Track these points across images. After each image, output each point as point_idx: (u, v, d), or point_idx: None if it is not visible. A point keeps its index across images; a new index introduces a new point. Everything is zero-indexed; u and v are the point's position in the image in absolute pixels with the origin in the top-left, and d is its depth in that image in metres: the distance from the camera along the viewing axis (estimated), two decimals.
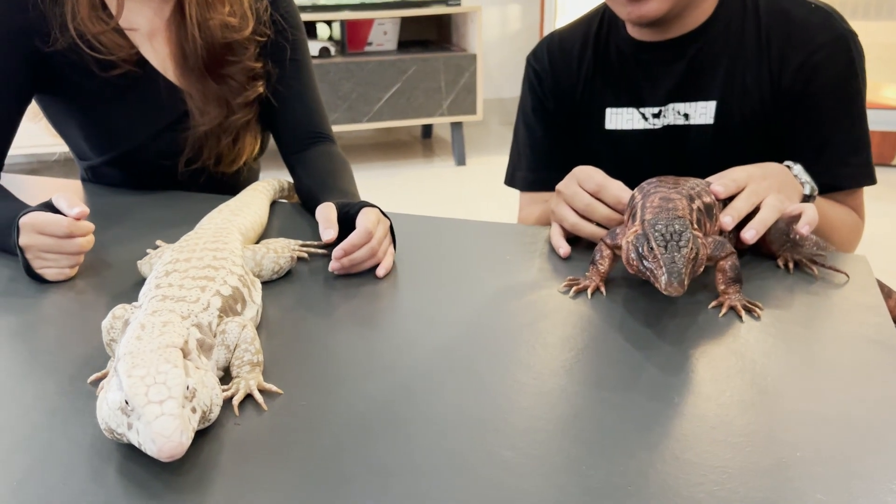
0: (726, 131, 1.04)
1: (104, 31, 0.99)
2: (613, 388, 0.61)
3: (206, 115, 1.05)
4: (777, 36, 1.01)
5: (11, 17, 0.98)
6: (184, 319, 0.60)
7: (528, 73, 1.18)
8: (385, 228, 0.86)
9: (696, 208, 0.74)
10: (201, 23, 1.03)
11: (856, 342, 0.67)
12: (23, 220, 0.80)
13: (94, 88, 1.03)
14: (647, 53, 1.06)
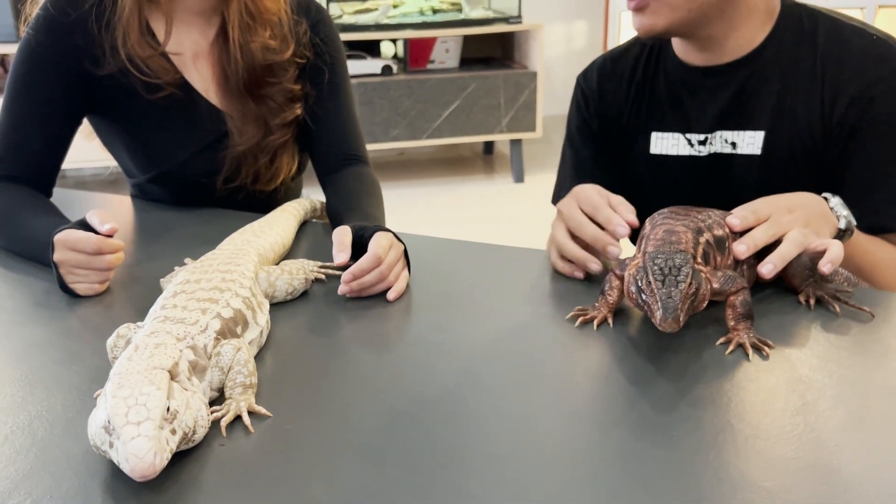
0: (774, 163, 1.01)
1: (152, 56, 1.04)
2: (601, 424, 0.60)
3: (244, 135, 1.09)
4: (833, 65, 0.97)
5: (59, 41, 1.04)
6: (179, 341, 0.62)
7: (576, 93, 1.17)
8: (398, 253, 0.87)
9: (703, 241, 0.72)
10: (243, 45, 1.07)
11: (869, 387, 0.64)
12: (57, 237, 0.85)
13: (139, 110, 1.08)
14: (695, 78, 1.04)
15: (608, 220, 0.83)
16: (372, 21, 2.95)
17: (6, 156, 1.05)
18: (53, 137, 1.07)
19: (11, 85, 1.05)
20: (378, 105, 2.89)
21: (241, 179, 1.12)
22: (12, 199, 1.02)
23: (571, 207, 0.87)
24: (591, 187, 0.88)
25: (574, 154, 1.17)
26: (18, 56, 1.05)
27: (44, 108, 1.05)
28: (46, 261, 0.89)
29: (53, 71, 1.04)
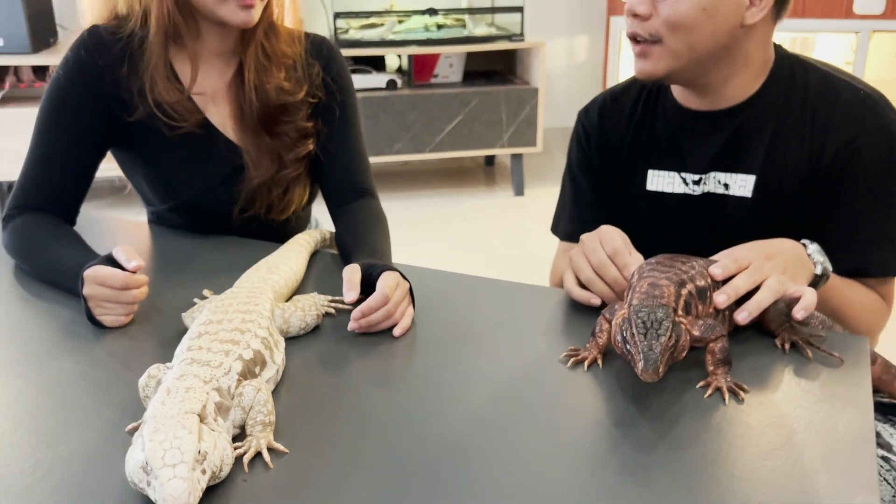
0: (764, 205, 1.06)
1: (179, 100, 1.11)
2: (588, 463, 0.66)
3: (260, 169, 1.16)
4: (822, 116, 1.02)
5: (88, 83, 1.10)
6: (205, 384, 0.68)
7: (577, 127, 1.23)
8: (403, 291, 0.93)
9: (685, 293, 0.78)
10: (258, 86, 1.14)
11: (830, 434, 0.70)
12: (87, 273, 0.91)
13: (161, 145, 1.14)
14: (692, 121, 1.09)
15: (626, 267, 0.89)
16: (377, 37, 3.01)
17: (33, 188, 1.12)
18: (79, 172, 1.14)
19: (41, 122, 1.11)
20: (382, 119, 2.96)
21: (256, 210, 1.19)
22: (40, 230, 1.08)
23: (595, 244, 0.93)
24: (616, 231, 0.94)
25: (574, 186, 1.23)
26: (48, 95, 1.11)
27: (70, 146, 1.11)
28: (73, 291, 0.96)
29: (81, 111, 1.10)
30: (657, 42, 0.99)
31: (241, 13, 1.07)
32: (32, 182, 1.12)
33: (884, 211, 1.03)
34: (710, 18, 0.97)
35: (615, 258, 0.90)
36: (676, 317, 0.75)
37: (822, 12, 2.81)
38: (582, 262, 0.94)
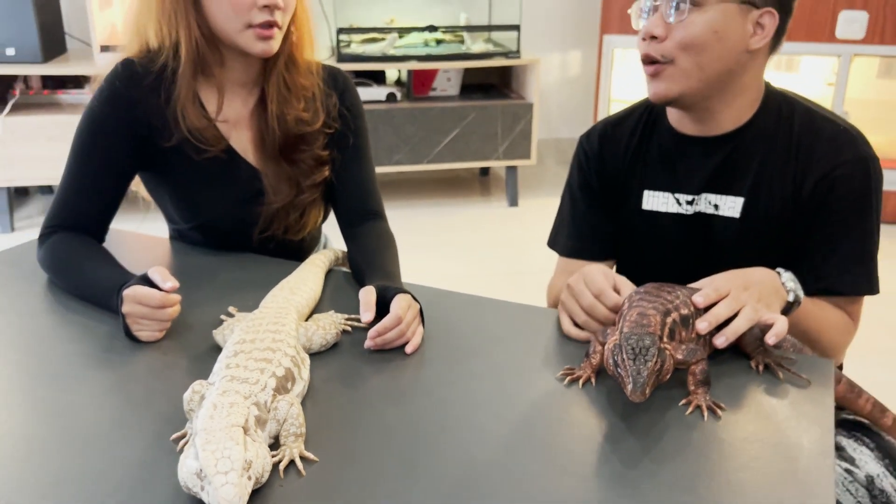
0: (750, 226, 1.16)
1: (207, 127, 1.19)
2: (579, 476, 0.75)
3: (279, 194, 1.24)
4: (805, 148, 1.13)
5: (121, 113, 1.18)
6: (245, 399, 0.77)
7: (578, 151, 1.32)
8: (414, 312, 1.02)
9: (670, 321, 0.88)
10: (279, 116, 1.22)
11: (795, 450, 0.79)
12: (126, 293, 1.00)
13: (186, 168, 1.23)
14: (686, 146, 1.19)
15: (615, 304, 0.98)
16: (379, 51, 3.10)
17: (68, 209, 1.20)
18: (110, 194, 1.22)
19: (76, 148, 1.20)
20: (382, 131, 3.05)
21: (274, 231, 1.27)
22: (75, 249, 1.16)
23: (581, 287, 1.01)
24: (598, 270, 1.03)
25: (573, 205, 1.32)
26: (83, 123, 1.20)
27: (103, 171, 1.20)
28: (108, 307, 1.04)
29: (113, 139, 1.19)
30: (670, 63, 1.09)
31: (259, 43, 1.15)
32: (67, 203, 1.20)
33: (858, 236, 1.12)
34: (719, 41, 1.07)
35: (602, 298, 0.99)
36: (662, 343, 0.84)
37: (806, 36, 2.93)
38: (573, 306, 1.03)
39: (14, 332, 1.04)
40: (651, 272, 1.20)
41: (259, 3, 1.12)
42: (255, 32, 1.14)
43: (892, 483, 1.00)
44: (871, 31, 2.88)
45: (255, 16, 1.13)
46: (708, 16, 1.06)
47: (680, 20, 1.07)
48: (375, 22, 3.28)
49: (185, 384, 0.89)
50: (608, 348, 0.86)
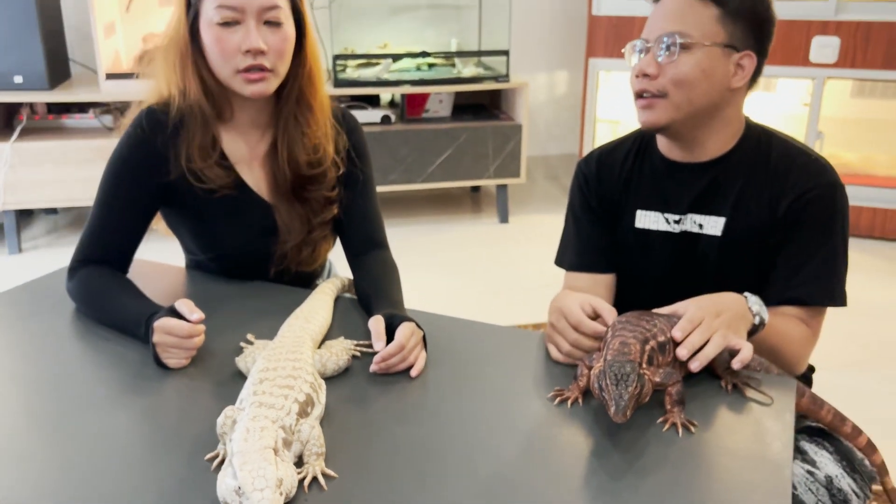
0: (731, 243, 1.28)
1: (209, 166, 1.28)
2: (569, 488, 0.86)
3: (292, 233, 1.34)
4: (782, 174, 1.25)
5: (144, 156, 1.28)
6: (273, 423, 0.87)
7: (577, 175, 1.43)
8: (417, 339, 1.12)
9: (648, 348, 0.98)
10: (290, 158, 1.32)
11: (758, 461, 0.90)
12: (156, 324, 1.09)
13: (202, 204, 1.32)
14: (675, 171, 1.31)
15: (594, 332, 1.09)
16: (374, 76, 3.21)
17: (95, 244, 1.30)
18: (134, 230, 1.32)
19: (103, 188, 1.29)
20: (378, 152, 3.15)
21: (287, 265, 1.38)
22: (104, 281, 1.26)
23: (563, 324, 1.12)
24: (574, 301, 1.13)
25: (576, 224, 1.43)
26: (110, 165, 1.29)
27: (128, 209, 1.29)
28: (136, 336, 1.14)
29: (137, 180, 1.28)
30: (663, 96, 1.21)
31: (248, 86, 1.24)
32: (95, 239, 1.30)
33: (824, 252, 1.24)
34: (706, 78, 1.20)
35: (581, 329, 1.10)
36: (641, 370, 0.95)
37: (782, 59, 3.06)
38: (558, 338, 1.13)
39: (48, 360, 1.13)
40: (644, 284, 1.34)
41: (242, 49, 1.21)
42: (243, 77, 1.23)
43: (849, 483, 1.11)
44: (842, 56, 3.02)
45: (240, 61, 1.22)
46: (696, 57, 1.19)
47: (670, 61, 1.19)
48: (370, 46, 3.40)
49: (211, 407, 0.99)
50: (594, 373, 0.96)
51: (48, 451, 0.92)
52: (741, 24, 1.21)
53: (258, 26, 1.21)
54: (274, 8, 1.22)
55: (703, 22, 1.19)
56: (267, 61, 1.23)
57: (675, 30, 1.19)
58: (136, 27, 3.18)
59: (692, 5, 1.20)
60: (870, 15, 2.98)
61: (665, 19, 1.21)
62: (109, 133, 3.09)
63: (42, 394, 1.04)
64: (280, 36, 1.23)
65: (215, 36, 1.21)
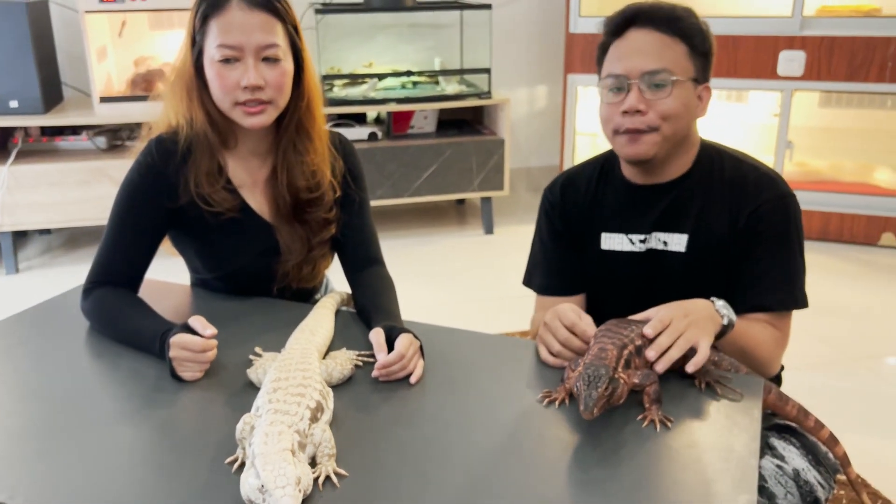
0: (695, 258, 1.37)
1: (216, 191, 1.37)
2: (557, 477, 0.95)
3: (293, 253, 1.42)
4: (736, 190, 1.34)
5: (154, 183, 1.36)
6: (289, 428, 0.96)
7: (543, 201, 1.52)
8: (415, 348, 1.21)
9: (626, 353, 1.08)
10: (289, 183, 1.40)
11: (728, 452, 1.00)
12: (172, 340, 1.16)
13: (209, 227, 1.40)
14: (637, 193, 1.40)
15: (584, 333, 1.17)
16: (360, 95, 3.31)
17: (108, 266, 1.37)
18: (145, 252, 1.39)
19: (115, 213, 1.37)
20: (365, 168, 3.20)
21: (289, 282, 1.46)
22: (118, 301, 1.33)
23: (556, 324, 1.20)
24: (569, 307, 1.22)
25: (543, 247, 1.52)
26: (122, 191, 1.37)
27: (139, 233, 1.37)
28: (150, 352, 1.21)
29: (148, 205, 1.36)
30: (654, 131, 1.30)
31: (248, 118, 1.32)
32: (108, 261, 1.37)
33: (782, 259, 1.34)
34: (687, 112, 1.31)
35: (574, 329, 1.19)
36: (617, 374, 1.04)
37: (751, 73, 3.20)
38: (549, 338, 1.22)
39: (68, 379, 1.21)
40: (612, 303, 1.41)
41: (241, 84, 1.29)
42: (242, 109, 1.31)
43: (815, 475, 1.21)
44: (808, 69, 3.15)
45: (239, 95, 1.30)
46: (679, 92, 1.29)
47: (659, 97, 1.28)
48: (355, 65, 3.49)
49: (227, 416, 1.07)
50: (575, 376, 1.06)
51: (78, 463, 0.99)
52: (700, 58, 1.31)
53: (256, 63, 1.29)
54: (272, 46, 1.29)
55: (678, 58, 1.28)
56: (265, 95, 1.30)
57: (657, 67, 1.27)
58: (128, 51, 3.26)
59: (668, 43, 1.28)
60: (833, 30, 3.12)
61: (644, 57, 1.28)
62: (103, 154, 3.16)
63: (65, 411, 1.11)
64: (278, 71, 1.31)
65: (216, 72, 1.30)
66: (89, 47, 2.93)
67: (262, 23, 1.28)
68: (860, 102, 3.49)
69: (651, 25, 1.29)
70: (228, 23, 1.27)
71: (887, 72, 3.07)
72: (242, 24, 1.27)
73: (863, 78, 3.10)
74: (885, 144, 3.58)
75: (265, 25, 1.29)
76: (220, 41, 1.28)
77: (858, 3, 3.23)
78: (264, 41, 1.29)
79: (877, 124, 3.56)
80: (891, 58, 3.05)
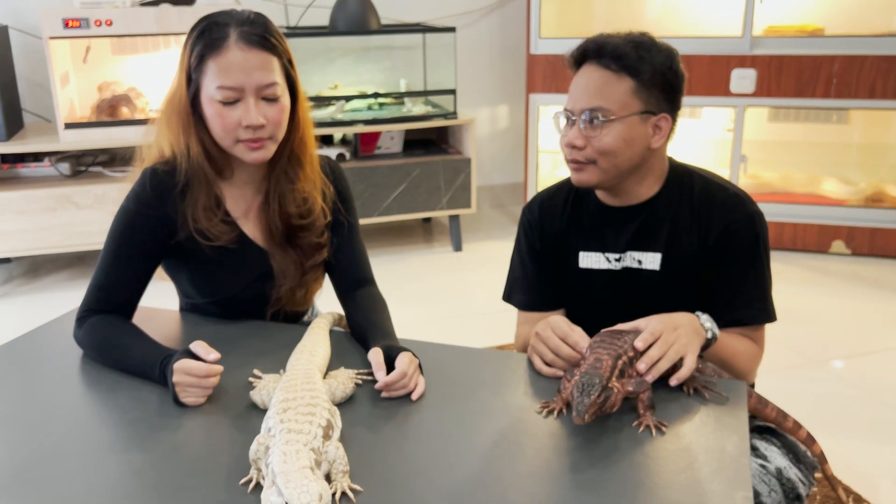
0: (669, 276, 1.42)
1: (214, 223, 1.38)
2: (556, 480, 0.99)
3: (287, 277, 1.44)
4: (706, 210, 1.41)
5: (150, 212, 1.36)
6: (304, 446, 0.98)
7: (522, 221, 1.57)
8: (415, 366, 1.24)
9: (620, 363, 1.13)
10: (280, 211, 1.42)
11: (721, 453, 1.06)
12: (175, 365, 1.17)
13: (204, 255, 1.41)
14: (611, 215, 1.45)
15: (576, 344, 1.22)
16: (328, 117, 3.34)
17: (103, 294, 1.37)
18: (139, 280, 1.39)
19: (110, 242, 1.37)
20: None
21: (282, 306, 1.48)
22: (114, 329, 1.33)
23: (548, 333, 1.25)
24: (561, 319, 1.26)
25: (523, 265, 1.57)
26: (117, 221, 1.37)
27: (134, 261, 1.37)
28: (152, 379, 1.22)
29: (143, 234, 1.37)
30: (592, 163, 1.36)
31: (250, 153, 1.33)
32: (103, 289, 1.37)
33: (753, 276, 1.40)
34: (628, 146, 1.35)
35: (566, 340, 1.24)
36: (610, 383, 1.09)
37: (706, 91, 3.33)
38: (542, 348, 1.27)
39: (68, 408, 1.21)
40: (591, 318, 1.43)
41: (242, 124, 1.30)
42: (245, 145, 1.33)
43: (797, 473, 1.28)
44: (759, 86, 3.30)
45: (241, 133, 1.31)
46: (616, 129, 1.33)
47: (594, 134, 1.34)
48: (321, 87, 3.52)
49: (234, 437, 1.09)
50: (571, 385, 1.11)
51: (90, 490, 1.00)
52: (655, 91, 1.34)
53: (257, 102, 1.30)
54: (271, 85, 1.31)
55: (619, 96, 1.33)
56: (265, 132, 1.32)
57: (595, 105, 1.33)
58: (91, 76, 3.23)
59: (608, 81, 1.33)
60: (781, 49, 3.28)
61: (586, 94, 1.34)
62: (67, 180, 3.11)
63: (71, 441, 1.11)
64: (277, 108, 1.32)
65: (216, 111, 1.30)
66: (53, 73, 2.90)
67: (261, 62, 1.29)
68: (807, 117, 3.66)
69: (598, 62, 1.35)
70: (228, 63, 1.28)
71: (832, 88, 3.23)
72: (242, 64, 1.28)
73: (810, 94, 3.26)
74: (832, 157, 3.76)
75: (264, 64, 1.30)
76: (220, 82, 1.28)
77: (802, 24, 3.40)
78: (264, 80, 1.30)
79: (823, 137, 3.74)
80: (835, 75, 3.22)
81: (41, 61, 3.17)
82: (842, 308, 3.00)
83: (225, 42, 1.28)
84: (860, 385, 2.45)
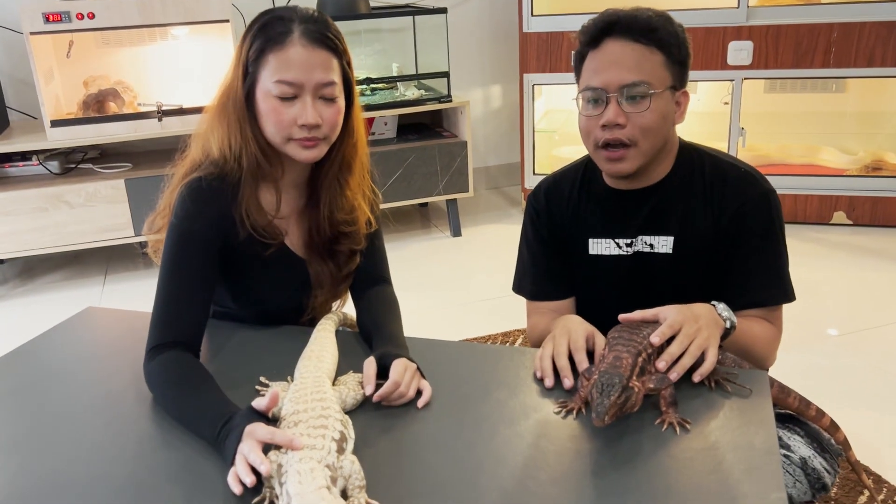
0: (682, 259, 1.39)
1: (268, 224, 1.33)
2: (577, 483, 0.96)
3: (323, 287, 1.41)
4: (717, 190, 1.37)
5: (200, 227, 1.27)
6: (319, 463, 0.95)
7: (528, 208, 1.53)
8: (412, 372, 1.18)
9: (641, 360, 1.10)
10: (330, 215, 1.37)
11: (749, 450, 1.02)
12: (247, 430, 1.00)
13: (249, 263, 1.35)
14: (620, 199, 1.41)
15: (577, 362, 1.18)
16: None
17: (169, 327, 1.24)
18: (203, 304, 1.29)
19: (167, 265, 1.27)
20: None
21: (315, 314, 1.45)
22: (180, 374, 1.19)
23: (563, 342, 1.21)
24: (581, 328, 1.22)
25: (531, 254, 1.53)
26: (170, 240, 1.28)
27: (194, 283, 1.28)
28: (206, 438, 1.08)
29: (200, 251, 1.28)
30: (633, 146, 1.30)
31: (303, 152, 1.28)
32: (168, 321, 1.25)
33: (769, 255, 1.37)
34: (665, 122, 1.31)
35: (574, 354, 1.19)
36: (631, 382, 1.05)
37: (703, 65, 3.28)
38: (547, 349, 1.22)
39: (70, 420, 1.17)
40: (602, 305, 1.41)
41: (298, 122, 1.25)
42: (299, 143, 1.27)
43: (821, 462, 1.25)
44: (756, 57, 3.25)
45: (295, 132, 1.26)
46: (658, 104, 1.29)
47: (638, 110, 1.29)
48: None
49: None
50: (590, 383, 1.07)
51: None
52: (678, 66, 1.31)
53: (314, 101, 1.25)
54: (330, 84, 1.26)
55: (656, 69, 1.28)
56: (320, 132, 1.27)
57: (638, 79, 1.27)
58: (75, 72, 3.15)
59: (645, 55, 1.28)
60: (778, 19, 3.21)
61: (622, 69, 1.28)
62: (57, 179, 3.05)
63: (75, 460, 1.08)
64: (334, 109, 1.28)
65: (272, 107, 1.25)
66: (36, 70, 2.82)
67: (323, 61, 1.25)
68: (804, 87, 3.61)
69: (628, 36, 1.29)
70: (289, 59, 1.24)
71: (831, 56, 3.18)
72: (303, 61, 1.24)
73: (808, 64, 3.21)
74: (829, 126, 3.72)
75: (325, 63, 1.26)
76: (278, 77, 1.24)
77: None
78: (323, 79, 1.25)
79: (821, 107, 3.69)
80: (833, 43, 3.16)
81: (23, 57, 3.09)
82: (847, 279, 2.97)
83: (288, 37, 1.24)
84: (866, 356, 2.43)
